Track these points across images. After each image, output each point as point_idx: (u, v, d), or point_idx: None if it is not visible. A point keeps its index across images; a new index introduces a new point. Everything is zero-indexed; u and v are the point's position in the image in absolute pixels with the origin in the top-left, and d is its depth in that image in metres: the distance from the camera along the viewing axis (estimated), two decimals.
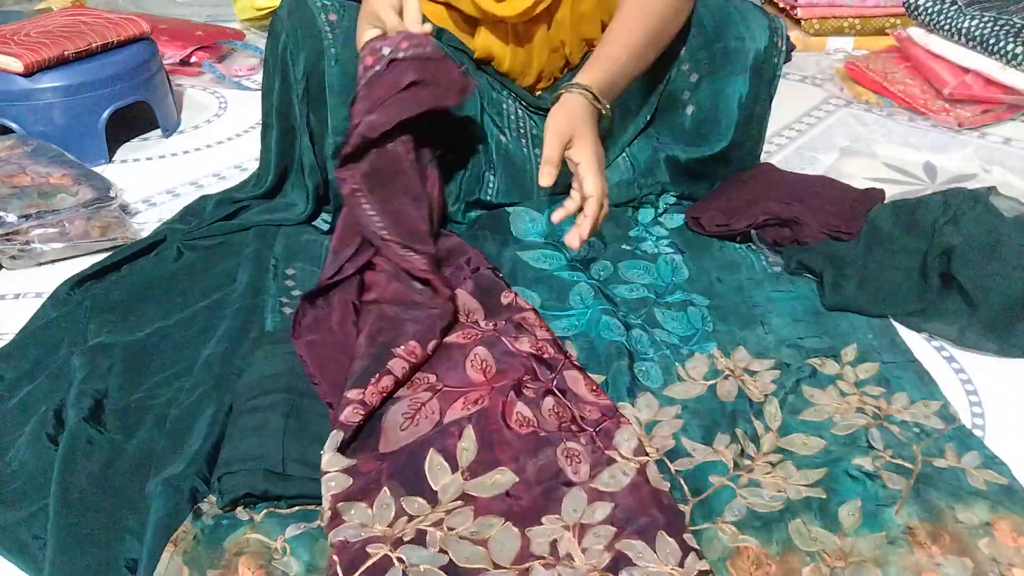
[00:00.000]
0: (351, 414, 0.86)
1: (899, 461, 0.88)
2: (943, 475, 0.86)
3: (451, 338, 0.99)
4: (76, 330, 1.06)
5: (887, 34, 1.98)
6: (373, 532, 0.77)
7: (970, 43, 1.69)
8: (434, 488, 0.82)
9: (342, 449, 0.84)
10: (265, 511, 0.81)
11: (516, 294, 1.08)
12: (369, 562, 0.74)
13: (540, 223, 1.25)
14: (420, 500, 0.81)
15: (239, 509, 0.81)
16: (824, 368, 1.01)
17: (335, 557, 0.75)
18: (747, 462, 0.88)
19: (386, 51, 1.07)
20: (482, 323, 1.02)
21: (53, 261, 1.24)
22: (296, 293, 1.12)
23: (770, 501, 0.84)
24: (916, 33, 1.81)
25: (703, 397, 0.97)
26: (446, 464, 0.84)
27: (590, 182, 1.01)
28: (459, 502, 0.81)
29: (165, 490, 0.81)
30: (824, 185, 1.34)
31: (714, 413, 0.95)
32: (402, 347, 0.94)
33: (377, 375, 0.90)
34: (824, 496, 0.84)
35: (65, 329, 1.06)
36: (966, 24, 1.68)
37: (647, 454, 0.87)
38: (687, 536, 0.78)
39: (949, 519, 0.81)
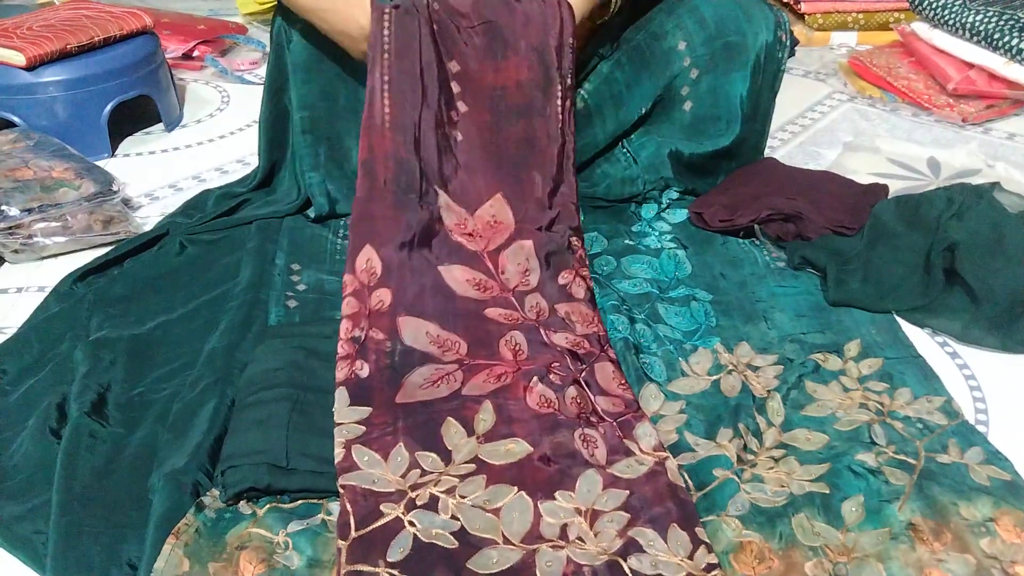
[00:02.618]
0: (348, 369, 0.92)
1: (902, 457, 0.88)
2: (946, 471, 0.86)
3: (493, 313, 1.01)
4: (79, 324, 1.06)
5: (891, 29, 1.97)
6: (385, 483, 0.81)
7: (975, 38, 1.68)
8: (448, 448, 0.85)
9: (353, 403, 0.89)
10: (268, 505, 0.81)
11: (579, 273, 1.07)
12: (381, 521, 0.78)
13: None
14: (433, 456, 0.85)
15: (242, 503, 0.81)
16: (827, 364, 1.01)
17: (348, 507, 0.78)
18: (750, 456, 0.88)
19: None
20: (527, 300, 1.03)
21: (56, 255, 1.24)
22: (301, 288, 1.12)
23: (773, 496, 0.84)
24: (920, 28, 1.80)
25: (707, 392, 0.97)
26: (462, 429, 0.88)
27: None
28: (471, 465, 0.84)
29: (167, 484, 0.81)
30: (828, 180, 1.34)
31: (718, 408, 0.95)
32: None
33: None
34: (827, 491, 0.84)
35: (68, 323, 1.06)
36: (971, 19, 1.68)
37: (665, 450, 0.87)
38: (699, 530, 0.78)
39: (952, 515, 0.81)
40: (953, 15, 1.71)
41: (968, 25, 1.68)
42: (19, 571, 0.78)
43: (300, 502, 0.82)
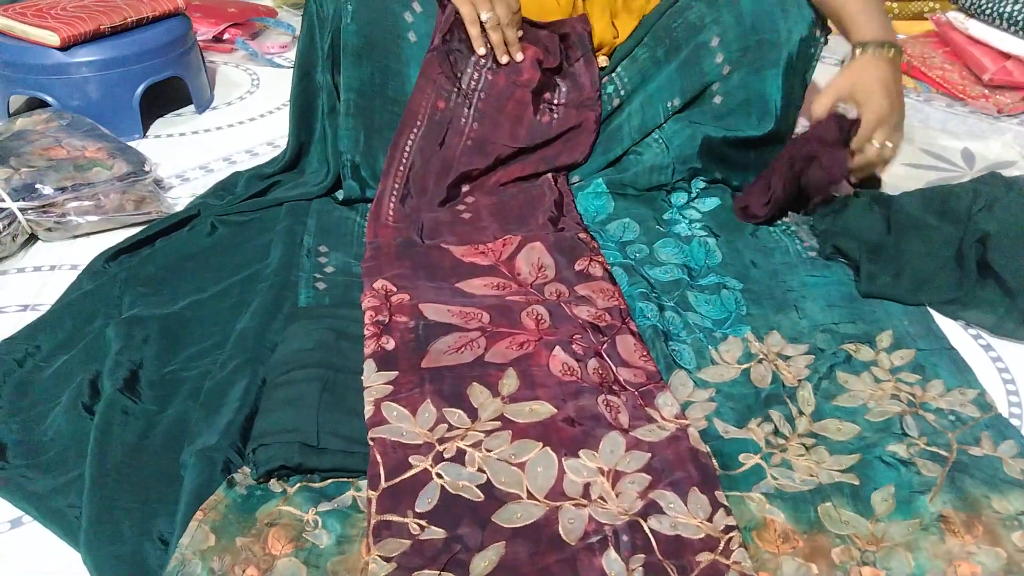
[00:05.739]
0: (375, 344, 0.94)
1: (934, 449, 0.87)
2: (979, 463, 0.85)
3: (512, 298, 1.04)
4: (111, 302, 1.07)
5: (925, 19, 1.95)
6: (413, 435, 0.83)
7: (1012, 28, 1.65)
8: (474, 406, 0.88)
9: (380, 369, 0.91)
10: (298, 484, 0.81)
11: (593, 259, 1.11)
12: (410, 472, 0.80)
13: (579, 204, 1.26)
14: (460, 412, 0.87)
15: (272, 481, 0.82)
16: (859, 354, 1.00)
17: (378, 458, 0.81)
18: (781, 441, 0.88)
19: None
20: (547, 288, 1.06)
21: (88, 234, 1.25)
22: (329, 270, 1.12)
23: (801, 485, 0.83)
24: (955, 18, 1.78)
25: (737, 381, 0.96)
26: (487, 391, 0.90)
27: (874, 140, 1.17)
28: (497, 423, 0.86)
29: (199, 461, 0.81)
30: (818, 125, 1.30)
31: (748, 398, 0.94)
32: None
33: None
34: (857, 482, 0.83)
35: (100, 301, 1.07)
36: (1008, 8, 1.65)
37: (687, 418, 0.88)
38: (718, 493, 0.79)
39: (984, 508, 0.80)
40: (990, 4, 1.68)
41: (1005, 15, 1.65)
42: (53, 544, 0.79)
43: (330, 481, 0.82)
